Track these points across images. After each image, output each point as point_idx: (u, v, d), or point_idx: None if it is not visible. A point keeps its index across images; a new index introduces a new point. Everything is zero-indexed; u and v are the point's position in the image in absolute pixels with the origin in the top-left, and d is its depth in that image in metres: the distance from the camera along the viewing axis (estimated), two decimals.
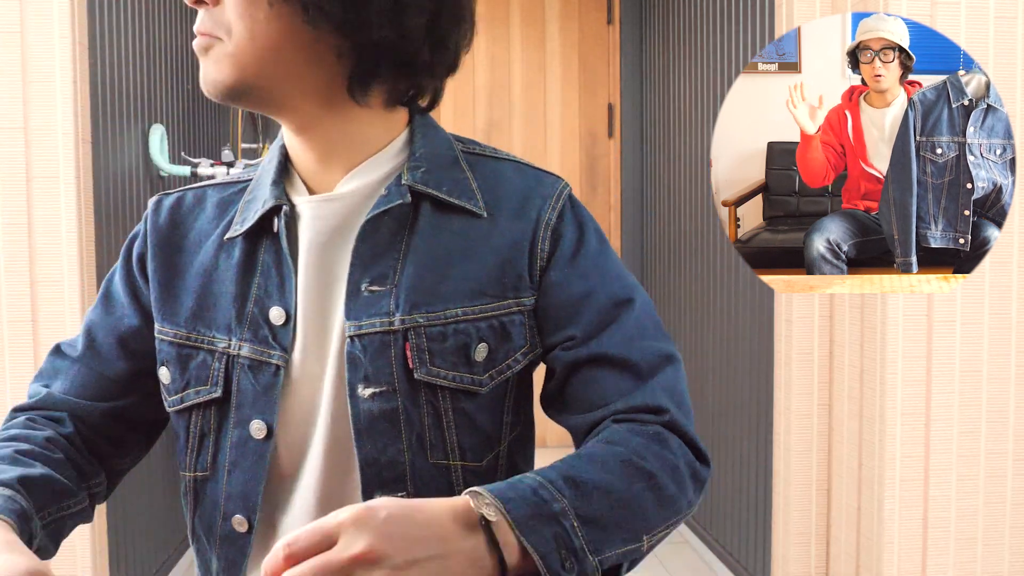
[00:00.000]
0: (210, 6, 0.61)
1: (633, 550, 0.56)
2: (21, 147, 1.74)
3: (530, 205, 0.67)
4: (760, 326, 2.24)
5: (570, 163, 3.37)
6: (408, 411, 0.63)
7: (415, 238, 0.65)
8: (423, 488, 0.64)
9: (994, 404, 1.65)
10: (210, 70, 0.62)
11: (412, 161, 0.66)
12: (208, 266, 0.68)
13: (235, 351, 0.65)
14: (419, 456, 0.64)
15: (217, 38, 0.61)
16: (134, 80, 2.24)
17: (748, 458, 2.36)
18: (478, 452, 0.66)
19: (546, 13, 3.34)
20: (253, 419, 0.64)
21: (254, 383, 0.64)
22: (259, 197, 0.67)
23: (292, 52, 0.61)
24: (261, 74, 0.61)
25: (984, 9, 1.60)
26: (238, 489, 0.65)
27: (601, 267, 0.68)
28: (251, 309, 0.65)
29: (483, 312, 0.65)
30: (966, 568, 1.66)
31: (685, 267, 2.87)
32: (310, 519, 0.64)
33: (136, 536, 2.21)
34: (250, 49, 0.60)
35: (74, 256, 1.76)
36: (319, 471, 0.65)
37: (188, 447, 0.68)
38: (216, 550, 0.67)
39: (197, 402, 0.67)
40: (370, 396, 0.63)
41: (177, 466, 0.73)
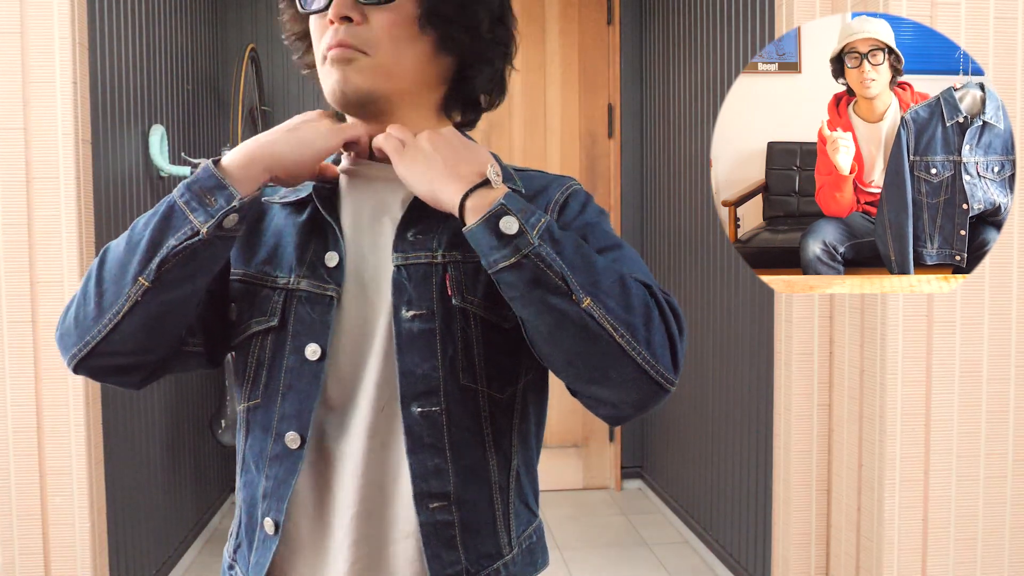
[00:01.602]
0: (357, 24, 0.71)
1: (559, 286, 0.64)
2: (21, 147, 1.74)
3: (548, 192, 0.79)
4: (760, 326, 2.24)
5: (570, 163, 3.37)
6: (443, 333, 0.72)
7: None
8: (453, 405, 0.72)
9: (994, 404, 1.65)
10: (353, 78, 0.71)
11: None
12: (280, 227, 0.78)
13: (294, 286, 0.74)
14: (450, 376, 0.72)
15: (363, 52, 0.71)
16: (134, 80, 2.24)
17: (748, 458, 2.36)
18: (500, 383, 0.74)
19: (546, 13, 3.34)
20: (308, 343, 0.72)
21: (310, 312, 0.73)
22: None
23: (419, 72, 0.74)
24: (394, 87, 0.73)
25: (984, 9, 1.60)
26: (292, 409, 0.72)
27: (597, 226, 0.77)
28: (310, 256, 0.75)
29: None
30: (966, 569, 1.66)
31: (685, 267, 2.87)
32: (359, 443, 0.72)
33: (136, 536, 2.21)
34: (394, 65, 0.72)
35: (74, 256, 1.76)
36: (368, 399, 0.72)
37: (246, 378, 0.76)
38: (265, 471, 0.74)
39: (256, 331, 0.75)
40: (411, 317, 0.71)
41: (236, 403, 0.80)
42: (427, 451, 0.71)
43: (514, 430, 0.77)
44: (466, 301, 0.72)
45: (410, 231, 0.74)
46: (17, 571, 1.77)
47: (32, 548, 1.77)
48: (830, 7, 1.81)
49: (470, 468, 0.73)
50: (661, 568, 2.64)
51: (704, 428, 2.73)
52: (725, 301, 2.52)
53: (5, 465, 1.76)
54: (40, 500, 1.77)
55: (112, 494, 2.01)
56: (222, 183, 0.68)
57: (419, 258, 0.73)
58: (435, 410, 0.72)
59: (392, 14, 0.72)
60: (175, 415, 2.57)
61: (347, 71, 0.71)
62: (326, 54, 0.72)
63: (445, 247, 0.73)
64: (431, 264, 0.72)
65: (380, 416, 0.73)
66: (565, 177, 0.82)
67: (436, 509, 0.71)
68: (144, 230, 0.69)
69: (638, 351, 0.64)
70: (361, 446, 0.72)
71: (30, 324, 1.75)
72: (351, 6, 0.71)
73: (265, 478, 0.74)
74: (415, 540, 0.72)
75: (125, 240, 0.70)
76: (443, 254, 0.73)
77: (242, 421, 0.77)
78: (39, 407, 1.76)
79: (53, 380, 1.76)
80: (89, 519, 1.79)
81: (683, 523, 2.94)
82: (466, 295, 0.72)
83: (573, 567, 2.60)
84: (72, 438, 1.78)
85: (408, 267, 0.72)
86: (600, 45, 3.37)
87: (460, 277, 0.72)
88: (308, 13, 0.74)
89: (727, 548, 2.54)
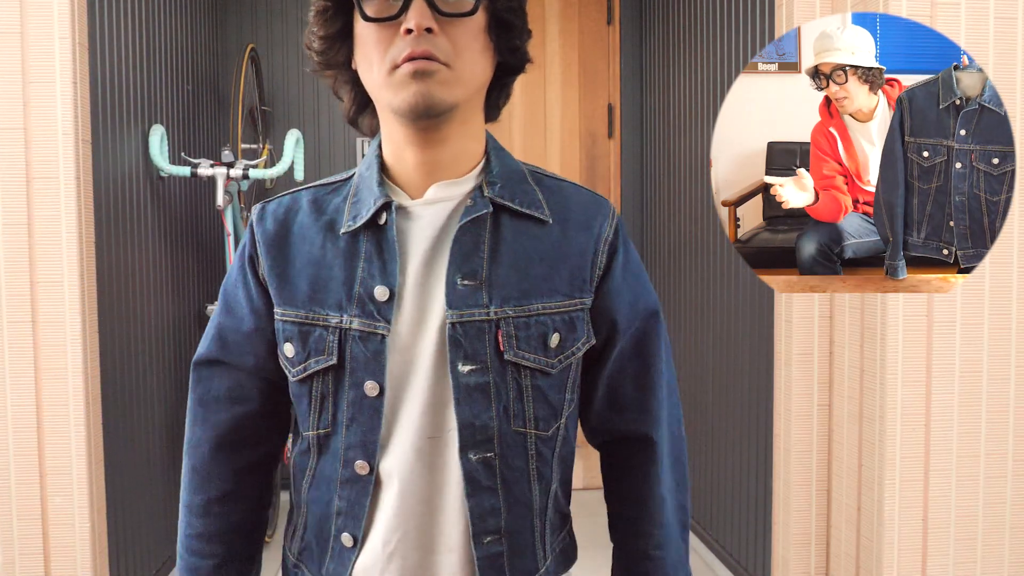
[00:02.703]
0: (435, 35, 0.71)
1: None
2: (21, 147, 1.74)
3: (594, 221, 0.82)
4: (760, 326, 2.24)
5: (570, 163, 3.37)
6: (498, 385, 0.78)
7: (499, 242, 0.79)
8: (506, 449, 0.78)
9: (994, 404, 1.65)
10: (436, 91, 0.72)
11: (490, 178, 0.80)
12: (317, 256, 0.80)
13: (347, 325, 0.78)
14: (504, 423, 0.78)
15: (445, 64, 0.72)
16: (134, 80, 2.24)
17: (748, 458, 2.36)
18: (547, 422, 0.81)
19: (546, 13, 3.34)
20: (367, 380, 0.77)
21: (364, 350, 0.77)
22: (366, 198, 0.79)
23: (483, 80, 0.77)
24: (465, 96, 0.75)
25: (984, 9, 1.60)
26: (357, 439, 0.78)
27: (641, 276, 0.86)
28: (358, 289, 0.78)
29: (557, 308, 0.80)
30: (966, 569, 1.66)
31: (685, 267, 2.87)
32: (408, 466, 0.78)
33: (136, 536, 2.21)
34: (470, 76, 0.74)
35: (74, 256, 1.76)
36: (416, 427, 0.78)
37: (311, 409, 0.81)
38: (338, 491, 0.80)
39: (317, 370, 0.79)
40: (468, 372, 0.76)
41: (295, 429, 0.87)
42: (484, 493, 0.78)
43: (555, 458, 0.83)
44: (517, 356, 0.78)
45: (458, 275, 0.77)
46: (17, 571, 1.77)
47: (32, 548, 1.77)
48: (830, 7, 1.81)
49: (517, 500, 0.80)
50: None
51: (704, 428, 2.73)
52: (725, 301, 2.52)
53: (5, 465, 1.76)
54: (40, 500, 1.77)
55: (112, 494, 2.01)
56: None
57: (473, 315, 0.77)
58: (490, 455, 0.78)
59: (472, 25, 0.73)
60: (175, 415, 2.57)
61: (430, 84, 0.72)
62: (399, 64, 0.72)
63: (496, 302, 0.77)
64: (485, 321, 0.77)
65: (428, 442, 0.78)
66: (602, 199, 0.85)
67: (490, 543, 0.79)
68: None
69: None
70: (409, 469, 0.78)
71: (30, 324, 1.75)
72: (432, 17, 0.71)
73: (338, 497, 0.80)
74: (457, 556, 0.79)
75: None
76: (495, 311, 0.77)
77: (313, 444, 0.82)
78: (39, 407, 1.76)
79: (53, 380, 1.76)
80: (89, 519, 1.79)
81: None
82: (517, 349, 0.78)
83: (573, 567, 2.60)
84: (72, 438, 1.78)
85: (463, 324, 0.76)
86: (600, 45, 3.37)
87: (511, 331, 0.78)
88: (378, 21, 0.72)
89: (727, 548, 2.54)
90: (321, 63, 0.80)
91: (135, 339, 2.22)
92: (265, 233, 0.82)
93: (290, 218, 0.83)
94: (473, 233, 0.78)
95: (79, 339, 1.77)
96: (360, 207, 0.79)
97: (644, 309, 0.85)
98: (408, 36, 0.71)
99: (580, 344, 0.82)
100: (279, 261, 0.81)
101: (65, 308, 1.76)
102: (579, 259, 0.81)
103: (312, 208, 0.83)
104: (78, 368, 1.77)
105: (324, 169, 3.20)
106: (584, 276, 0.81)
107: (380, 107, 0.79)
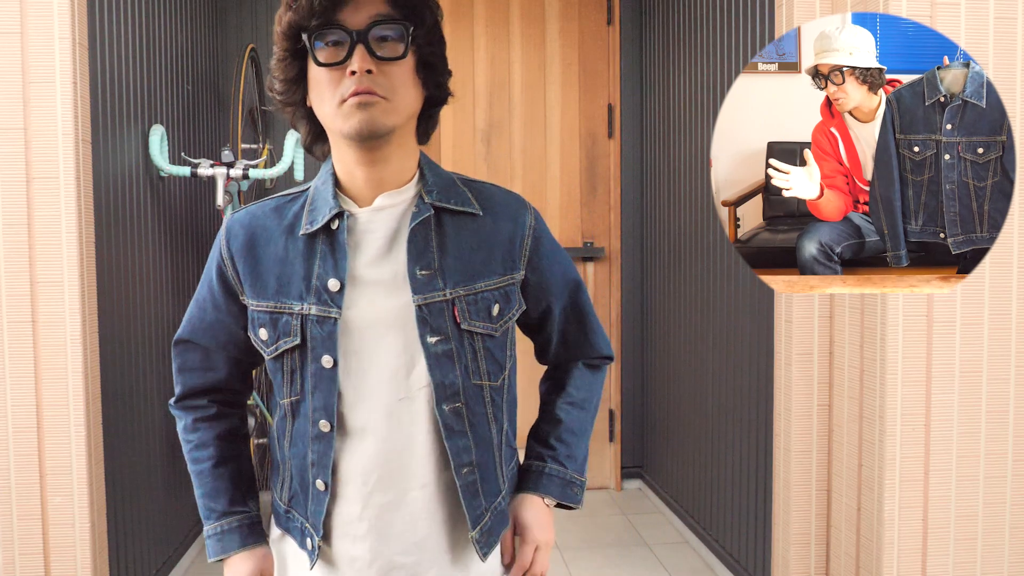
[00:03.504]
0: (374, 75, 0.90)
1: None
2: (21, 147, 1.74)
3: (518, 215, 1.04)
4: (760, 326, 2.24)
5: (570, 163, 3.37)
6: (458, 350, 0.98)
7: (444, 237, 0.98)
8: (470, 399, 0.99)
9: (994, 404, 1.65)
10: (378, 118, 0.90)
11: (427, 187, 0.99)
12: (281, 255, 0.99)
13: (306, 311, 0.96)
14: (466, 379, 0.99)
15: (383, 97, 0.90)
16: (134, 80, 2.24)
17: (748, 458, 2.36)
18: (495, 375, 1.02)
19: (546, 13, 3.34)
20: (323, 355, 0.96)
21: (321, 331, 0.96)
22: (322, 207, 0.97)
23: (413, 109, 0.95)
24: (400, 122, 0.93)
25: (984, 9, 1.60)
26: (320, 403, 0.97)
27: (562, 253, 1.10)
28: (314, 282, 0.96)
29: (496, 284, 1.01)
30: (966, 569, 1.66)
31: (685, 267, 2.87)
32: (382, 419, 0.97)
33: (136, 536, 2.21)
34: (403, 105, 0.93)
35: (74, 256, 1.76)
36: (385, 390, 0.97)
37: (284, 381, 1.00)
38: (310, 446, 0.99)
39: (285, 348, 0.98)
40: (435, 342, 0.96)
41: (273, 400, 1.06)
42: (457, 435, 0.98)
43: (504, 404, 1.05)
44: (471, 325, 0.99)
45: (416, 267, 0.96)
46: (17, 571, 1.77)
47: (32, 548, 1.77)
48: (830, 7, 1.81)
49: (482, 439, 1.01)
50: (661, 568, 2.64)
51: (704, 428, 2.73)
52: (725, 301, 2.52)
53: (5, 465, 1.76)
54: (40, 500, 1.77)
55: (112, 494, 2.01)
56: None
57: (434, 297, 0.96)
58: (458, 405, 0.98)
59: (403, 66, 0.92)
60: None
61: (373, 112, 0.90)
62: (347, 98, 0.90)
63: (450, 285, 0.98)
64: (444, 301, 0.97)
65: (398, 403, 0.97)
66: (520, 197, 1.06)
67: (466, 473, 0.99)
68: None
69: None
70: (383, 424, 0.97)
71: (30, 324, 1.75)
72: (371, 61, 0.89)
73: (311, 451, 0.99)
74: (430, 490, 0.99)
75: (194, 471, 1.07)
76: (450, 292, 0.97)
77: (288, 410, 1.01)
78: (39, 407, 1.76)
79: (53, 380, 1.76)
80: (89, 519, 1.79)
81: (683, 523, 2.94)
82: (470, 319, 0.99)
83: (573, 567, 2.60)
84: (72, 438, 1.78)
85: (428, 305, 0.96)
86: (600, 45, 3.37)
87: (464, 307, 0.98)
88: (328, 66, 0.90)
89: (727, 548, 2.54)
90: (282, 101, 0.99)
91: (135, 339, 2.22)
92: (236, 241, 1.01)
93: (255, 224, 1.01)
94: (423, 233, 0.97)
95: (79, 339, 1.77)
96: (316, 215, 0.98)
97: (572, 279, 1.10)
98: (353, 76, 0.89)
99: (514, 311, 1.04)
100: (250, 262, 0.99)
101: (65, 308, 1.76)
102: (508, 244, 1.02)
103: (275, 214, 1.01)
104: (78, 368, 1.77)
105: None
106: (514, 257, 1.03)
107: (332, 135, 0.96)
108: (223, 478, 1.06)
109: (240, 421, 1.11)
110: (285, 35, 0.94)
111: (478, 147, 3.33)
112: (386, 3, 0.92)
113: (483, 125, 3.33)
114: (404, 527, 1.00)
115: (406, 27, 0.92)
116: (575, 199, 3.38)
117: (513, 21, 3.32)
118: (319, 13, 0.90)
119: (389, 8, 0.92)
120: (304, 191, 1.02)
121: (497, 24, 3.31)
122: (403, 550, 1.00)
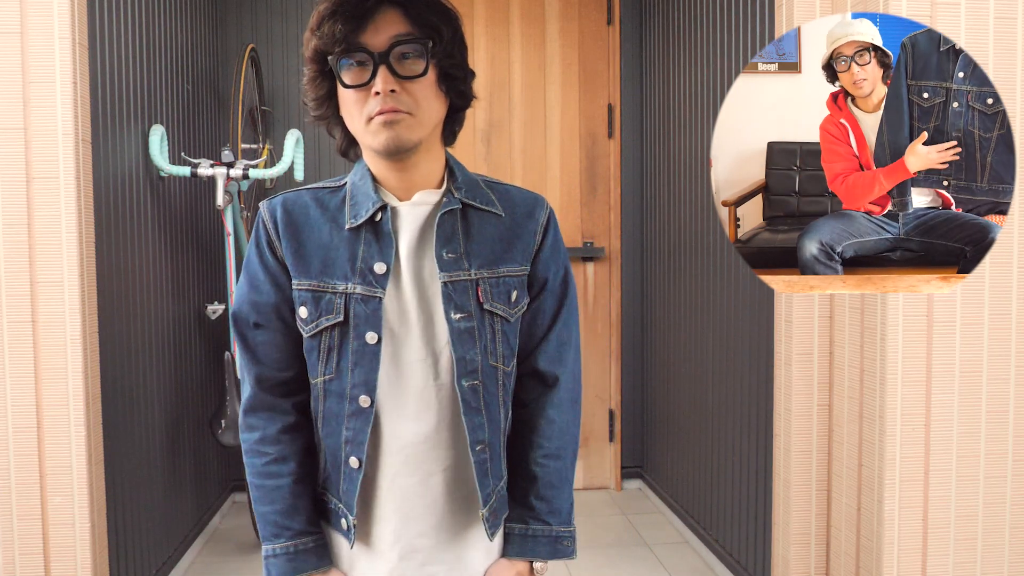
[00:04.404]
0: (398, 94, 0.94)
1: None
2: (21, 147, 1.74)
3: (535, 212, 1.10)
4: (760, 326, 2.24)
5: (570, 163, 3.37)
6: (479, 328, 1.03)
7: (469, 227, 1.04)
8: (486, 379, 1.03)
9: (994, 404, 1.65)
10: (403, 134, 0.96)
11: (456, 185, 1.05)
12: (325, 241, 1.03)
13: (351, 290, 1.01)
14: (484, 358, 1.03)
15: (408, 113, 0.95)
16: (134, 80, 2.24)
17: (748, 458, 2.36)
18: (508, 360, 1.07)
19: (546, 13, 3.34)
20: (368, 332, 1.00)
21: (365, 309, 1.00)
22: (363, 201, 1.02)
23: (438, 119, 1.01)
24: (426, 134, 0.99)
25: (984, 9, 1.60)
26: (361, 379, 1.00)
27: (565, 254, 1.14)
28: (360, 265, 1.01)
29: (515, 272, 1.06)
30: (966, 569, 1.66)
31: (685, 267, 2.87)
32: (413, 399, 1.02)
33: (136, 536, 2.21)
34: (427, 119, 0.98)
35: (74, 256, 1.76)
36: (415, 370, 1.02)
37: (319, 359, 1.03)
38: (346, 423, 1.02)
39: (327, 326, 1.01)
40: (459, 319, 1.01)
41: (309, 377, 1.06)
42: (473, 412, 1.02)
43: (510, 390, 1.09)
44: (492, 306, 1.03)
45: (444, 250, 1.01)
46: (17, 571, 1.77)
47: (32, 548, 1.77)
48: (830, 7, 1.81)
49: (493, 420, 1.04)
50: (661, 568, 2.64)
51: (704, 428, 2.73)
52: (725, 301, 2.52)
53: (5, 465, 1.76)
54: (40, 500, 1.77)
55: (112, 494, 2.01)
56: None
57: (459, 276, 1.02)
58: (476, 383, 1.02)
59: (425, 82, 0.97)
60: (175, 415, 2.58)
61: (398, 129, 0.95)
62: (373, 116, 0.95)
63: (475, 267, 1.03)
64: (468, 280, 1.02)
65: (428, 386, 1.02)
66: (538, 195, 1.11)
67: (480, 450, 1.02)
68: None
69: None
70: (414, 406, 1.02)
71: (30, 324, 1.75)
72: (394, 81, 0.94)
73: (346, 428, 1.02)
74: (449, 474, 1.03)
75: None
76: (475, 273, 1.03)
77: (320, 390, 1.04)
78: (39, 407, 1.76)
79: (53, 380, 1.76)
80: (89, 519, 1.79)
81: (683, 523, 2.94)
82: (492, 301, 1.04)
83: (573, 567, 2.60)
84: (72, 438, 1.78)
85: (453, 283, 1.01)
86: (600, 45, 3.37)
87: (487, 288, 1.03)
88: (354, 87, 0.95)
89: (727, 548, 2.54)
90: (316, 116, 1.04)
91: (135, 339, 2.22)
92: (281, 220, 1.04)
93: (298, 210, 1.05)
94: (450, 221, 1.03)
95: (79, 339, 1.77)
96: (359, 208, 1.02)
97: (565, 280, 1.13)
98: (377, 96, 0.94)
99: (526, 301, 1.09)
100: (294, 242, 1.03)
101: (65, 308, 1.76)
102: (526, 238, 1.08)
103: (315, 203, 1.05)
104: (78, 368, 1.77)
105: (324, 169, 3.20)
106: (529, 251, 1.08)
107: (363, 146, 1.02)
108: (303, 496, 1.05)
109: (311, 433, 1.09)
110: (312, 59, 0.99)
111: (478, 147, 3.33)
112: (406, 21, 0.96)
113: (483, 125, 3.33)
114: (424, 510, 1.03)
115: (425, 45, 0.96)
116: (575, 199, 3.38)
117: (513, 21, 3.32)
118: (341, 39, 0.94)
119: (409, 27, 0.96)
120: (340, 186, 1.06)
121: (497, 24, 3.31)
122: (420, 532, 1.03)
